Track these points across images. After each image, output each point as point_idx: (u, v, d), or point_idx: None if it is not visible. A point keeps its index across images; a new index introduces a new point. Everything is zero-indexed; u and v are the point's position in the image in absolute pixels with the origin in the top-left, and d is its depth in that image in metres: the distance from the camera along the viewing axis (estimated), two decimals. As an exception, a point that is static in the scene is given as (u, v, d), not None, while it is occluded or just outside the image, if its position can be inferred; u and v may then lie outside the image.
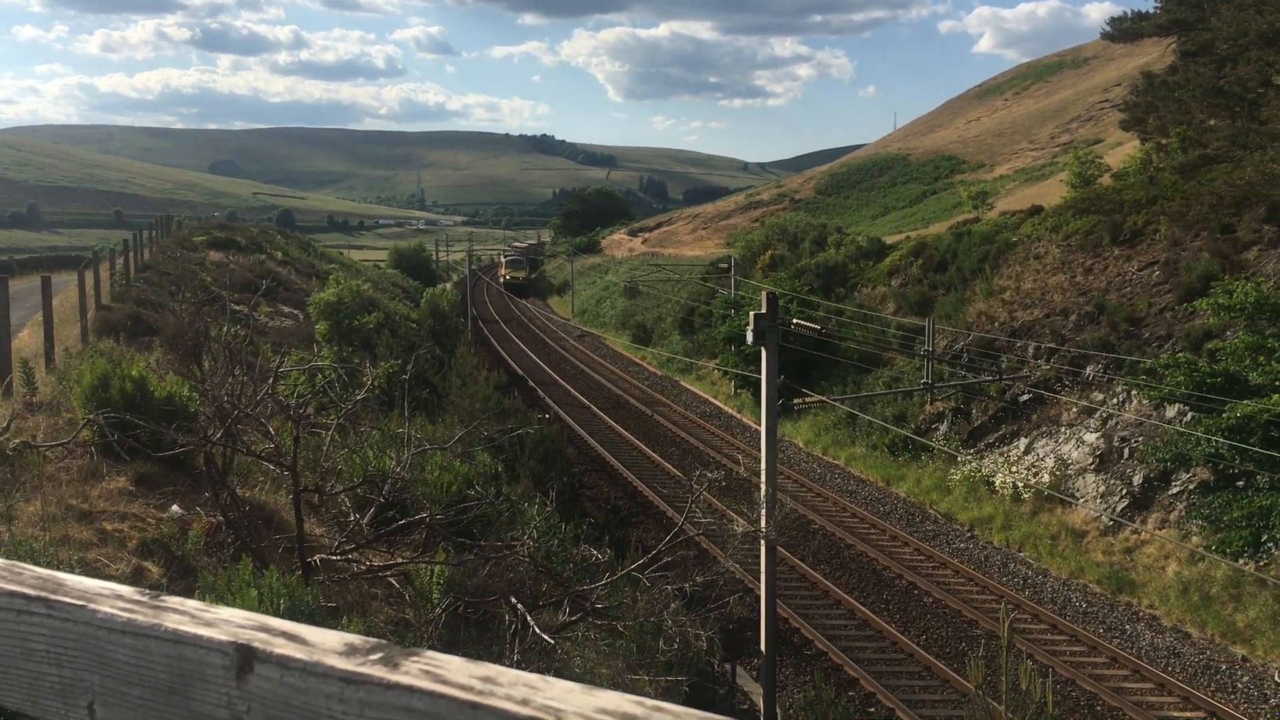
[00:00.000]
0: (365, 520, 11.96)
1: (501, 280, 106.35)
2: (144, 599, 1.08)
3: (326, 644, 0.94)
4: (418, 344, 31.74)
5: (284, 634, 0.96)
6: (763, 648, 17.13)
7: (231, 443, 10.96)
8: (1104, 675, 19.16)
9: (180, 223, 58.16)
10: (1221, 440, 21.66)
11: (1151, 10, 48.61)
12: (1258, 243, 29.84)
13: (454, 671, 0.84)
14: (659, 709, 0.74)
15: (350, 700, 0.87)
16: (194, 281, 29.96)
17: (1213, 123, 36.84)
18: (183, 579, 9.76)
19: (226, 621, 1.01)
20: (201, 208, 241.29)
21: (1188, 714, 17.84)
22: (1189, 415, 24.43)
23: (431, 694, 0.82)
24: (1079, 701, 18.15)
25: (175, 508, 10.96)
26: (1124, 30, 50.85)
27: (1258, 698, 18.59)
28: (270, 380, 11.62)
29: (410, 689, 0.83)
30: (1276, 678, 19.14)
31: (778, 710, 16.53)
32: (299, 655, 0.92)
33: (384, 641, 0.93)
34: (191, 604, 1.07)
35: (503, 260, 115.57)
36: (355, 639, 0.95)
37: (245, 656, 0.96)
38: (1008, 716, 9.39)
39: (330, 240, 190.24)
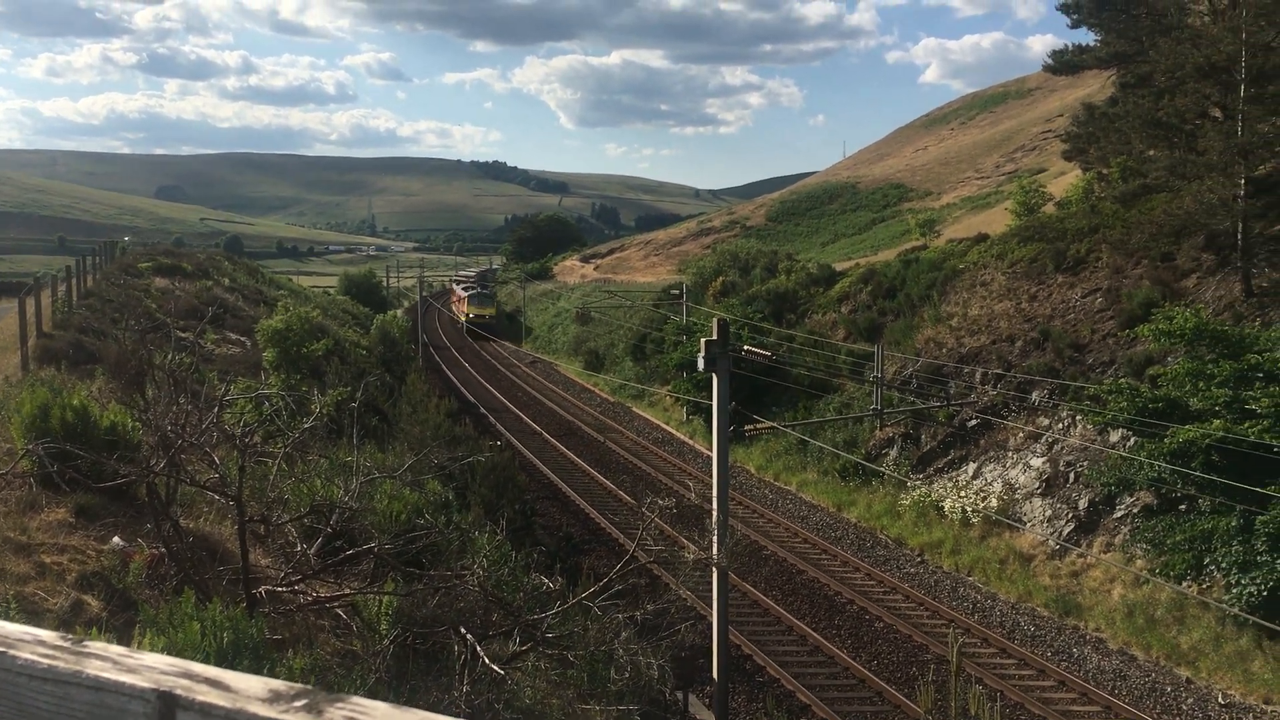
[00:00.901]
0: (312, 551, 11.79)
1: (464, 319, 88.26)
2: (66, 644, 1.05)
3: (250, 690, 0.92)
4: (368, 371, 31.46)
5: (207, 680, 0.94)
6: (715, 675, 17.09)
7: (175, 473, 10.78)
8: (1052, 699, 19.32)
9: (125, 248, 57.33)
10: (1164, 465, 22.02)
11: (1092, 43, 49.70)
12: (1196, 270, 30.49)
13: (380, 716, 0.82)
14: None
15: None
16: (138, 308, 29.51)
17: (1152, 153, 37.65)
18: (123, 612, 9.56)
19: (149, 667, 0.99)
20: (147, 233, 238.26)
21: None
22: (1132, 440, 24.82)
23: (357, 743, 0.80)
24: (1028, 725, 18.28)
25: (116, 539, 10.75)
26: (1065, 63, 51.92)
27: (1201, 719, 18.84)
28: (216, 409, 11.46)
29: (333, 737, 0.82)
30: (1220, 700, 19.42)
31: (730, 738, 16.48)
32: (221, 702, 0.90)
33: (309, 688, 0.92)
34: (115, 649, 1.04)
35: (461, 293, 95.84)
36: (280, 685, 0.94)
37: (167, 704, 0.93)
38: (957, 742, 9.44)
39: (279, 266, 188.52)
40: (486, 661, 9.37)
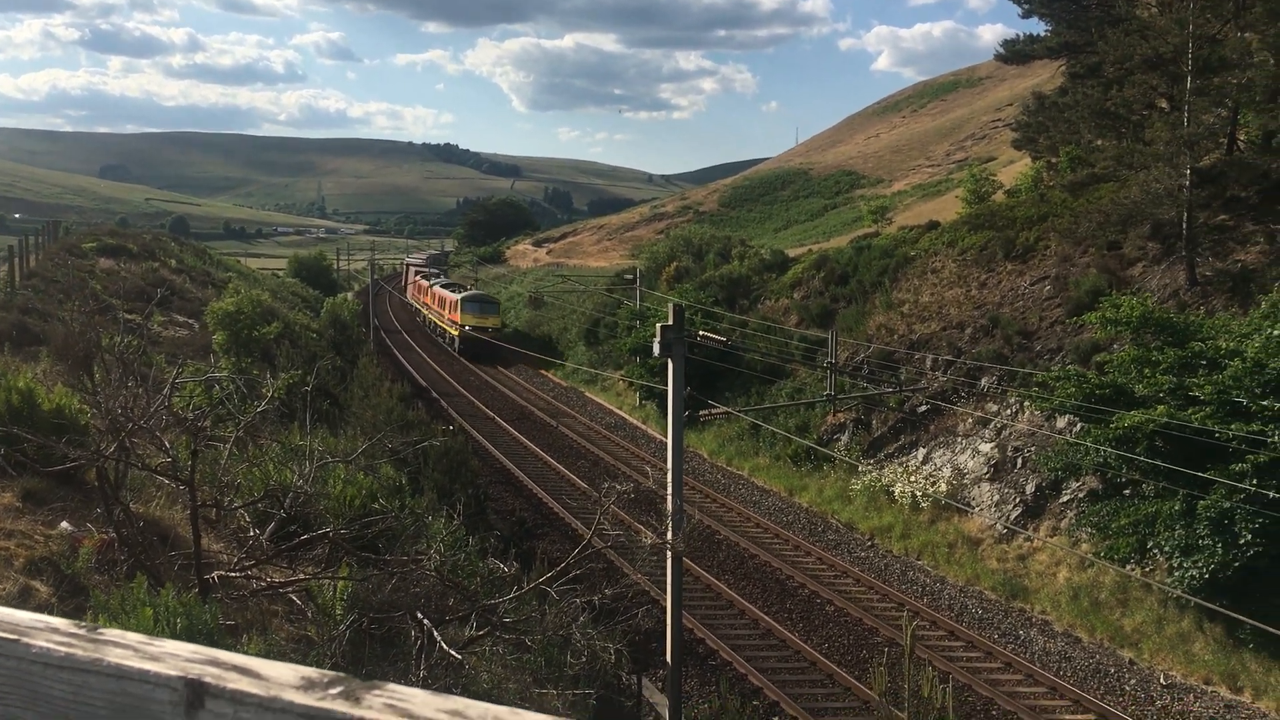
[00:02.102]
0: (265, 536, 11.68)
1: (452, 332, 63.40)
2: (81, 631, 1.03)
3: (282, 678, 0.91)
4: (319, 355, 31.17)
5: (236, 668, 0.93)
6: (669, 659, 17.18)
7: (125, 457, 10.62)
8: (1000, 680, 19.65)
9: (68, 229, 56.19)
10: (1109, 450, 22.41)
11: (1042, 33, 50.25)
12: (1142, 259, 31.02)
13: (419, 705, 0.82)
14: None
15: None
16: (84, 290, 28.97)
17: (1100, 143, 38.21)
18: (73, 598, 9.42)
19: (173, 655, 0.97)
20: (91, 213, 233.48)
21: (1079, 717, 18.38)
22: (1078, 426, 25.24)
23: (397, 730, 0.80)
24: (975, 706, 18.57)
25: (65, 524, 10.58)
26: (1016, 52, 52.45)
27: (1144, 699, 19.26)
28: (166, 392, 11.29)
29: (373, 725, 0.81)
30: (1162, 680, 19.86)
31: (684, 721, 16.59)
32: (254, 690, 0.89)
33: (343, 675, 0.91)
34: (133, 636, 1.02)
35: (444, 291, 68.29)
36: (311, 672, 0.93)
37: (196, 692, 0.92)
38: (911, 723, 9.58)
39: (227, 248, 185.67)
40: (443, 646, 9.35)
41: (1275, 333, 21.45)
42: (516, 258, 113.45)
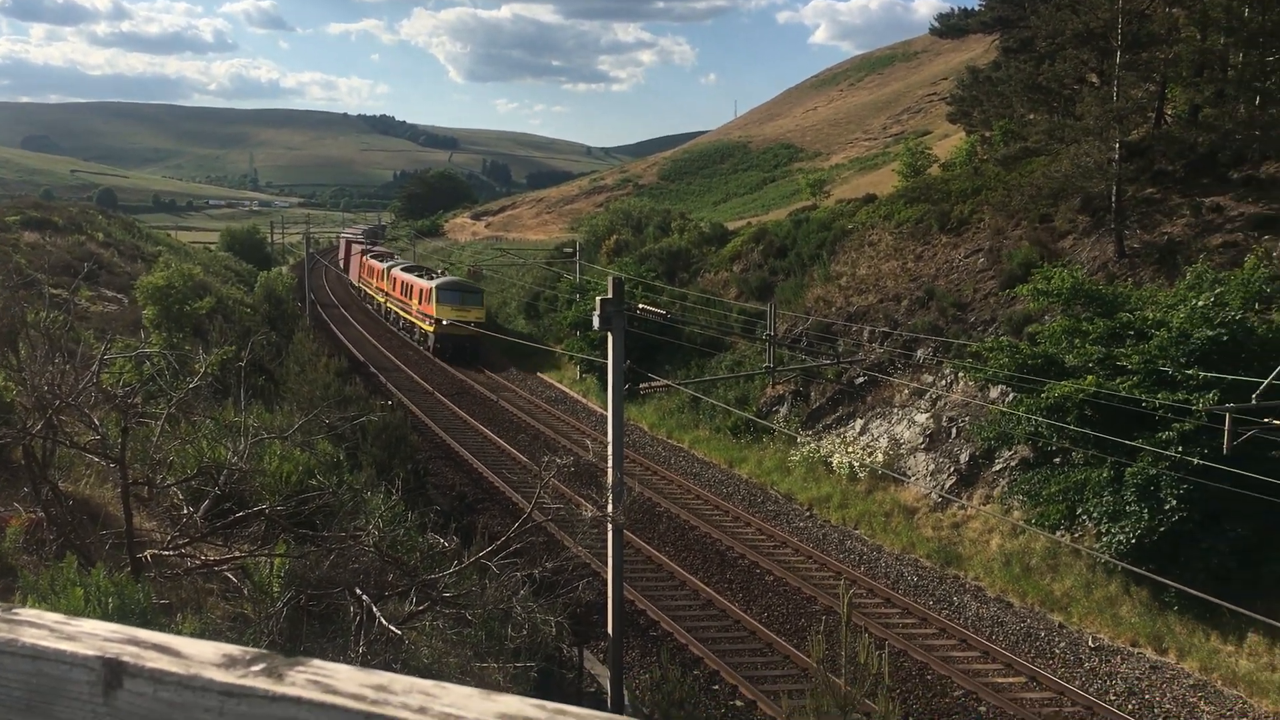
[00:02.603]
0: (200, 513, 11.52)
1: (429, 329, 52.24)
2: (-5, 612, 1.00)
3: (203, 655, 0.90)
4: (253, 329, 30.69)
5: (155, 646, 0.91)
6: (610, 630, 17.27)
7: (52, 435, 10.40)
8: (934, 645, 20.03)
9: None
10: (1040, 419, 22.86)
11: (977, 7, 50.77)
12: (1073, 232, 31.58)
13: (344, 680, 0.81)
14: (561, 712, 0.73)
15: (231, 714, 0.83)
16: (7, 264, 28.20)
17: (1032, 117, 38.74)
18: (0, 579, 9.22)
19: (91, 635, 0.95)
20: (14, 185, 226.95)
21: (1010, 679, 18.82)
22: (1011, 396, 25.70)
23: (320, 705, 0.79)
24: (911, 671, 18.93)
25: (-9, 505, 10.35)
26: (951, 26, 52.95)
27: (1073, 661, 19.76)
28: (94, 368, 11.06)
29: (297, 700, 0.80)
30: (1090, 643, 20.38)
31: (624, 692, 16.70)
32: (173, 669, 0.87)
33: (265, 651, 0.90)
34: (50, 616, 1.00)
35: (413, 277, 56.75)
36: (234, 649, 0.91)
37: (114, 672, 0.90)
38: (847, 689, 9.73)
39: (156, 221, 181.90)
40: (383, 622, 9.31)
41: (1199, 304, 21.98)
42: (455, 231, 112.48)
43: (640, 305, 23.69)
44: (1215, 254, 26.33)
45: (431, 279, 54.26)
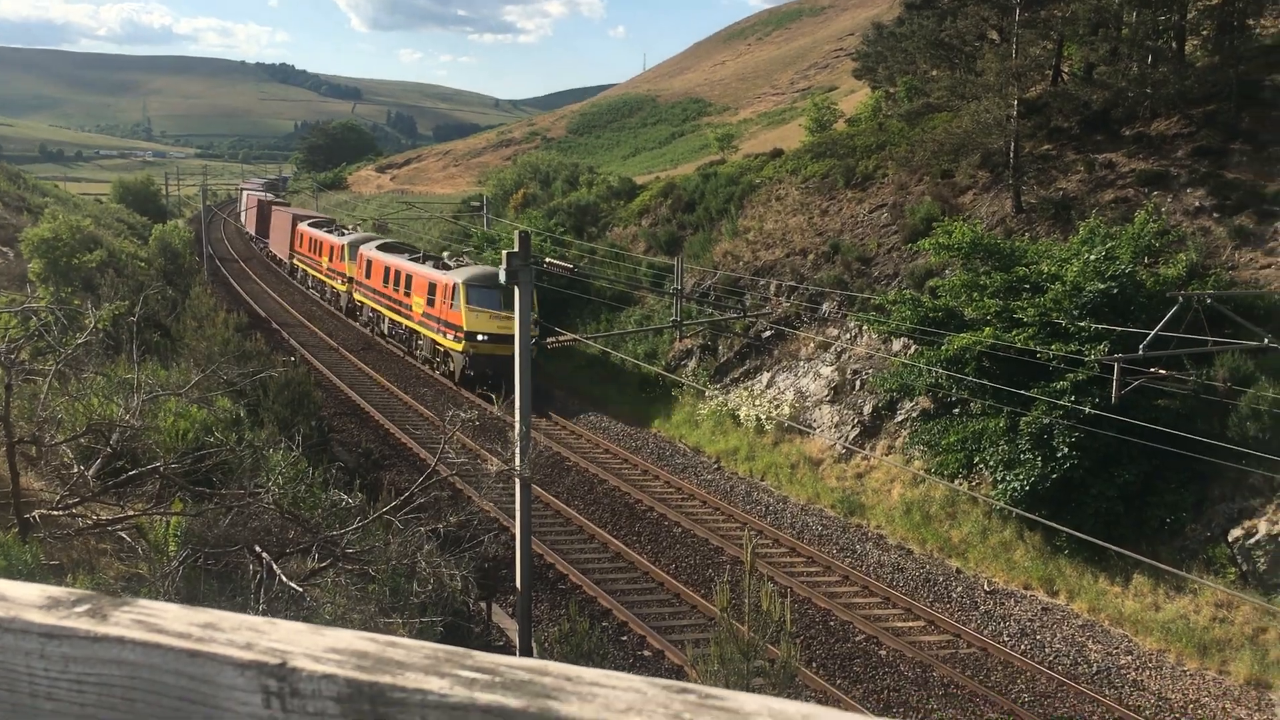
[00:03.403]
0: (91, 472, 11.19)
1: (455, 348, 34.77)
2: None
3: (25, 598, 0.85)
4: (147, 284, 29.77)
5: (-26, 590, 0.86)
6: (518, 585, 17.30)
7: (-69, 393, 9.98)
8: (837, 592, 20.50)
9: None
10: (940, 371, 23.38)
11: (882, -36, 50.99)
12: (973, 187, 32.18)
13: (171, 620, 0.78)
14: (392, 644, 0.71)
15: (53, 656, 0.79)
16: (-120, 215, 26.87)
17: (935, 73, 39.25)
18: (-124, 544, 8.86)
19: (-99, 580, 0.89)
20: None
21: (909, 624, 19.37)
22: (913, 349, 26.22)
23: (145, 644, 0.75)
24: (814, 618, 19.35)
25: None
26: (857, -18, 53.12)
27: (969, 605, 20.41)
28: (-25, 323, 10.63)
29: (121, 640, 0.76)
30: (986, 587, 21.05)
31: (533, 644, 16.77)
32: None
33: (91, 593, 0.86)
34: None
35: (414, 266, 39.06)
36: (59, 591, 0.87)
37: None
38: (750, 635, 9.89)
39: (43, 171, 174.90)
40: (283, 579, 9.18)
41: (1092, 257, 22.61)
42: (359, 184, 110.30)
43: (547, 259, 23.50)
44: (1107, 209, 27.08)
45: (447, 269, 36.33)
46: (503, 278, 16.92)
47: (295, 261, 53.90)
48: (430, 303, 35.50)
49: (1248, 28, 30.07)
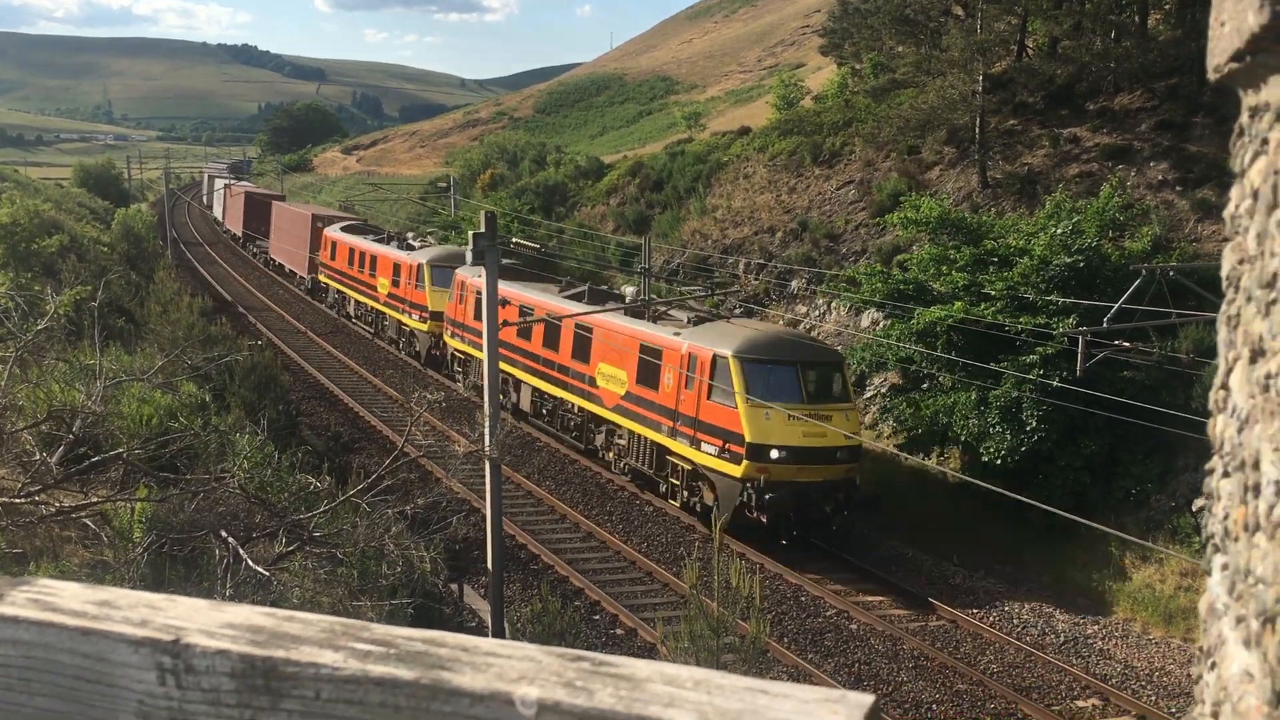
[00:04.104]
0: (54, 459, 11.07)
1: (721, 466, 20.77)
2: None
3: None
4: (110, 269, 29.43)
5: None
6: (490, 565, 17.29)
7: (-115, 381, 9.84)
8: (809, 569, 20.60)
9: None
10: (910, 346, 23.50)
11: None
12: (939, 163, 32.29)
13: (67, 598, 0.75)
14: (291, 618, 0.69)
15: None
16: None
17: (900, 49, 39.31)
18: None
19: None
20: None
21: (879, 598, 19.51)
22: (882, 323, 26.33)
23: (39, 623, 0.73)
24: (785, 594, 19.45)
25: None
26: (823, -42, 53.07)
27: (939, 579, 20.57)
28: (-70, 310, 10.47)
29: (14, 620, 0.74)
30: (955, 560, 21.23)
31: (505, 625, 16.78)
32: None
33: (-10, 574, 0.83)
34: None
35: (603, 316, 24.95)
36: (-47, 572, 0.84)
37: None
38: (720, 611, 9.94)
39: (2, 156, 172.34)
40: (250, 564, 9.12)
41: (1058, 231, 22.77)
42: (325, 166, 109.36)
43: (514, 240, 23.43)
44: (1072, 184, 27.26)
45: (688, 326, 23.48)
46: (469, 258, 16.84)
47: (325, 279, 45.25)
48: (663, 386, 22.83)
49: (1210, 1, 30.27)
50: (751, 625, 10.75)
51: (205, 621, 0.70)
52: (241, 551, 9.18)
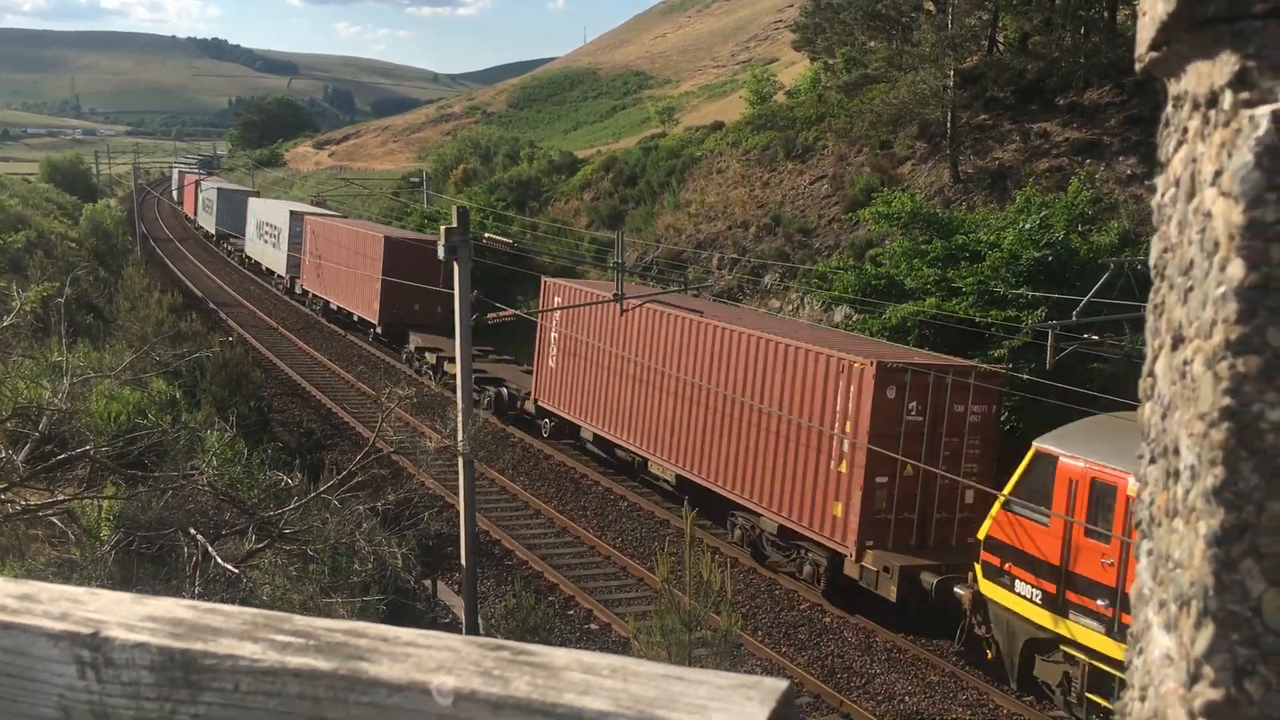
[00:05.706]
0: (20, 457, 10.96)
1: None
2: None
3: None
4: (77, 265, 29.14)
5: None
6: (463, 561, 17.26)
7: None
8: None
9: None
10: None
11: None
12: (911, 158, 32.43)
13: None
14: (213, 611, 0.69)
15: None
16: None
17: (873, 44, 39.45)
18: None
19: None
20: None
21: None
22: (855, 318, 26.40)
23: (-41, 618, 0.72)
24: (760, 588, 19.52)
25: None
26: (796, -47, 53.17)
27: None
28: (-108, 307, 10.35)
29: (-70, 618, 0.73)
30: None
31: (480, 621, 16.75)
32: None
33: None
34: None
35: None
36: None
37: None
38: (692, 605, 9.96)
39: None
40: (219, 561, 9.07)
41: (1028, 226, 22.91)
42: (296, 161, 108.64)
43: (487, 235, 23.37)
44: (1042, 178, 27.44)
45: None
46: (441, 253, 16.77)
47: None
48: None
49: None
50: (724, 619, 10.77)
51: (126, 615, 0.69)
52: (211, 549, 9.12)
